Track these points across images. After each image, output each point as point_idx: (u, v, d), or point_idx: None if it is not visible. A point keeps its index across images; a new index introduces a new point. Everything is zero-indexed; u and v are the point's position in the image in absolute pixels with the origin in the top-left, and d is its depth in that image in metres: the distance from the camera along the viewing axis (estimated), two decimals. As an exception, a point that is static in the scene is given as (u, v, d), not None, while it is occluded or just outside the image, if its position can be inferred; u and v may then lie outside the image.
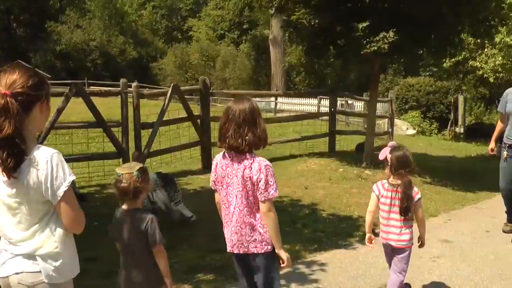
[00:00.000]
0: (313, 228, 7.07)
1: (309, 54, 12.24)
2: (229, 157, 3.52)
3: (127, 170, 3.49)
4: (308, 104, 30.79)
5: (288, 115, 14.68)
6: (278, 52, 34.49)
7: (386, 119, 18.99)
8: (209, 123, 11.19)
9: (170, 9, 77.20)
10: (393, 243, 4.55)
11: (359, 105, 26.10)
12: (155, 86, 39.34)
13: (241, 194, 3.48)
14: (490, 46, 20.58)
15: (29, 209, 2.59)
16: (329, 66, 38.07)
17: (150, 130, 10.15)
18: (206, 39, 61.62)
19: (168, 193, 6.81)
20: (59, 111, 8.79)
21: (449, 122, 29.16)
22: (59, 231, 2.66)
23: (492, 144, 7.57)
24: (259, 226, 3.52)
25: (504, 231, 7.35)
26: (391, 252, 4.67)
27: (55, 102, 8.53)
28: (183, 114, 11.05)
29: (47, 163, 2.53)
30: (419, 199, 4.50)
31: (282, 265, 3.59)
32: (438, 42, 10.80)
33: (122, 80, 10.12)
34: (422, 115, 29.78)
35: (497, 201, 9.30)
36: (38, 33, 50.93)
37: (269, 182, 3.42)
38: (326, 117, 14.14)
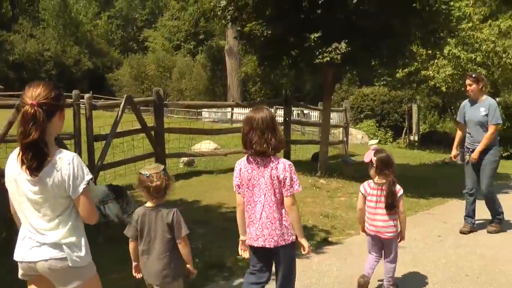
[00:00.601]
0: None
1: (263, 64, 12.31)
2: (254, 161, 3.97)
3: (154, 171, 3.86)
4: (265, 114, 30.83)
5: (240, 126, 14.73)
6: (234, 62, 34.53)
7: (341, 129, 19.17)
8: (163, 134, 11.11)
9: (125, 19, 76.64)
10: (381, 235, 5.11)
11: (315, 115, 26.27)
12: (111, 97, 38.99)
13: (270, 193, 3.95)
14: (442, 57, 21.03)
15: (53, 204, 3.05)
16: (284, 76, 38.27)
17: (104, 142, 10.01)
18: (162, 49, 61.32)
19: (120, 205, 6.75)
20: (10, 123, 8.49)
21: (404, 131, 29.62)
22: (79, 223, 3.17)
23: (454, 151, 8.05)
24: (284, 220, 4.00)
25: (462, 232, 7.63)
26: (377, 242, 5.21)
27: (6, 114, 8.36)
28: (138, 125, 10.93)
29: (69, 164, 3.01)
30: (401, 195, 5.07)
31: (303, 252, 4.14)
32: (390, 52, 10.98)
33: (75, 92, 9.94)
34: (377, 124, 30.19)
35: (449, 206, 9.56)
36: (-11, 43, 50.01)
37: (293, 179, 3.93)
38: (282, 127, 14.15)
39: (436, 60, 21.42)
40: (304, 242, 4.09)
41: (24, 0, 61.72)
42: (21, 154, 2.98)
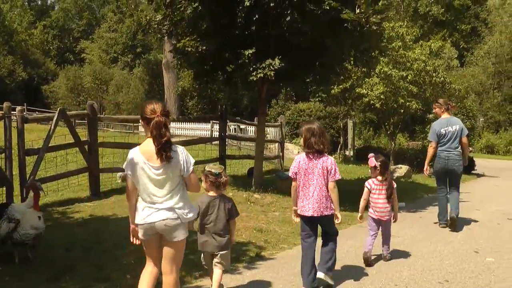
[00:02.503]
0: (200, 254, 7.07)
1: (198, 79, 12.36)
2: (312, 156, 5.63)
3: (220, 170, 5.30)
4: (202, 129, 30.90)
5: (178, 140, 14.62)
6: (171, 76, 34.41)
7: (277, 144, 19.34)
8: (97, 148, 10.94)
9: (62, 30, 75.36)
10: (382, 218, 6.99)
11: (252, 130, 26.43)
12: (46, 110, 38.21)
13: (320, 178, 5.59)
14: (376, 75, 21.50)
15: (171, 181, 4.35)
16: (221, 91, 38.34)
17: (36, 156, 9.76)
18: (99, 62, 60.56)
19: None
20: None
21: (339, 146, 30.08)
22: (185, 193, 4.49)
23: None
24: (328, 198, 5.63)
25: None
26: (377, 224, 7.06)
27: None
28: (71, 139, 10.69)
29: (182, 154, 4.38)
30: (395, 187, 7.07)
31: (337, 221, 5.74)
32: (323, 70, 11.20)
33: (6, 103, 9.63)
34: (313, 139, 30.48)
35: (381, 220, 9.78)
36: None
37: (336, 170, 5.65)
38: (217, 142, 14.15)
39: (369, 79, 21.87)
40: (339, 214, 5.70)
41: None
42: (158, 149, 4.20)
